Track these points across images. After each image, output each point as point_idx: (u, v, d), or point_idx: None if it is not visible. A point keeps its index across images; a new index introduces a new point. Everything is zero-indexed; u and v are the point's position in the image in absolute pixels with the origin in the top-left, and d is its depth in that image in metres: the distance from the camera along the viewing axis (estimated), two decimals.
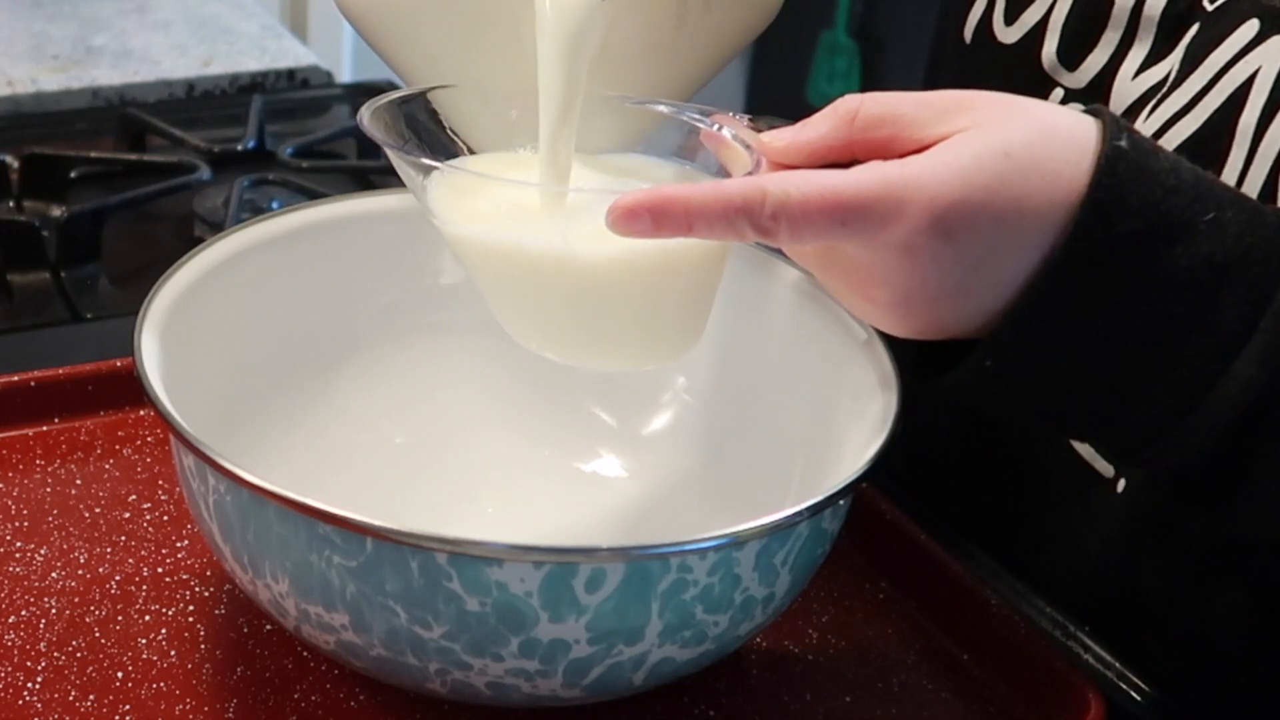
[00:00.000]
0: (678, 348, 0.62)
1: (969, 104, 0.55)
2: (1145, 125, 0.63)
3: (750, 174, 0.57)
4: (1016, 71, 0.70)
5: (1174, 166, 0.54)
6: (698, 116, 0.63)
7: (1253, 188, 0.59)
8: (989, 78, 0.70)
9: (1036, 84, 0.69)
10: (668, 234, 0.54)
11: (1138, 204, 0.53)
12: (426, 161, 0.60)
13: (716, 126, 0.62)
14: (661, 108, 0.65)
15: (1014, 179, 0.53)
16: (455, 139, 0.66)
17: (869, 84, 2.64)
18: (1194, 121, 0.61)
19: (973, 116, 0.54)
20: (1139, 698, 0.66)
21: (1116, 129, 0.54)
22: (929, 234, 0.53)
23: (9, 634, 0.64)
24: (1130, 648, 0.68)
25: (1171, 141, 0.62)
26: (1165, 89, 0.63)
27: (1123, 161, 0.53)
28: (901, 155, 0.54)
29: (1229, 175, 0.60)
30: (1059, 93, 0.68)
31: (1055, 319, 0.54)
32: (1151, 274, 0.53)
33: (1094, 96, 0.67)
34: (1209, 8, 0.62)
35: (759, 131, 0.59)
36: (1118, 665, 0.67)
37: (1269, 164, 0.59)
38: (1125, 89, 0.65)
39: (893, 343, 0.59)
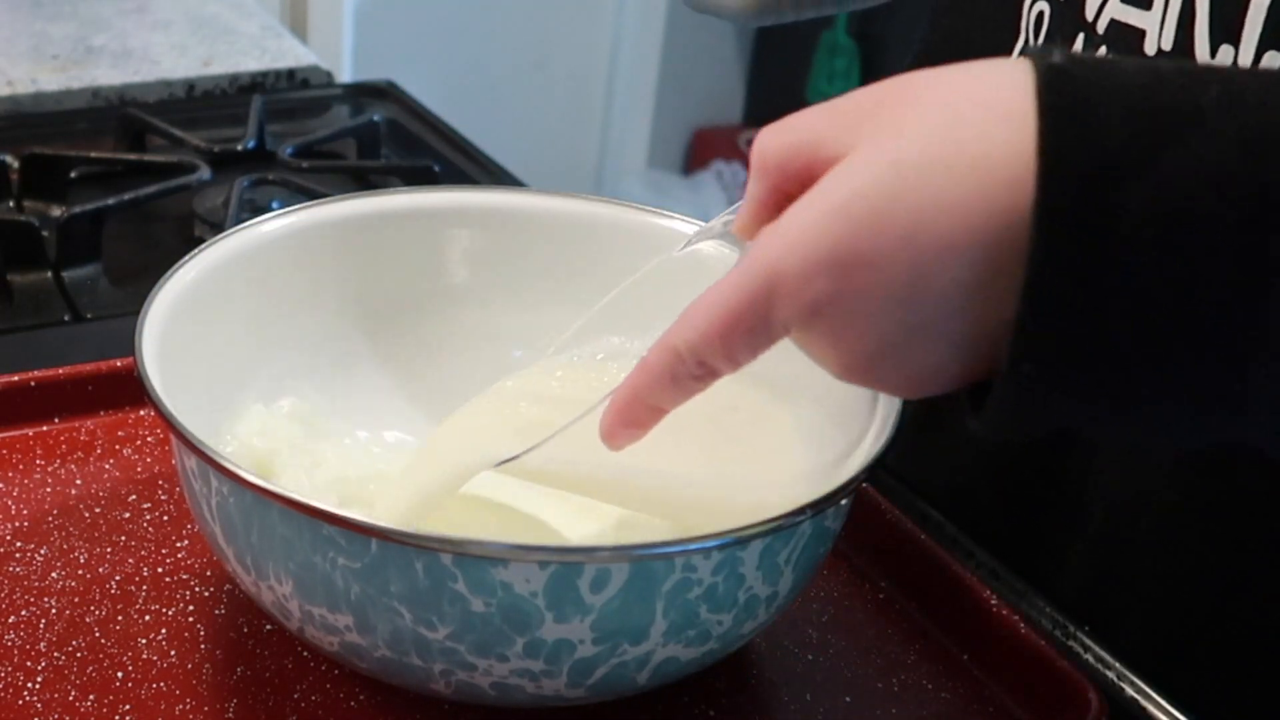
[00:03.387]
0: None
1: (880, 105, 0.48)
2: None
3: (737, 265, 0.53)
4: None
5: (1150, 65, 0.45)
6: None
7: None
8: None
9: None
10: (654, 424, 0.55)
11: (1114, 112, 0.43)
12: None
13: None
14: (717, 222, 0.60)
15: (909, 189, 0.46)
16: None
17: (868, 83, 2.64)
18: None
19: (874, 124, 0.48)
20: (1139, 698, 0.66)
21: (1045, 54, 0.46)
22: (823, 299, 0.47)
23: (9, 634, 0.64)
24: (1130, 648, 0.68)
25: None
26: None
27: (1066, 77, 0.44)
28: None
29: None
30: None
31: (1076, 279, 0.44)
32: (1170, 184, 0.43)
33: None
34: None
35: None
36: (1118, 665, 0.67)
37: None
38: None
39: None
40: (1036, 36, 0.69)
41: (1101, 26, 0.65)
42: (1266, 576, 0.66)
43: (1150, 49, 0.62)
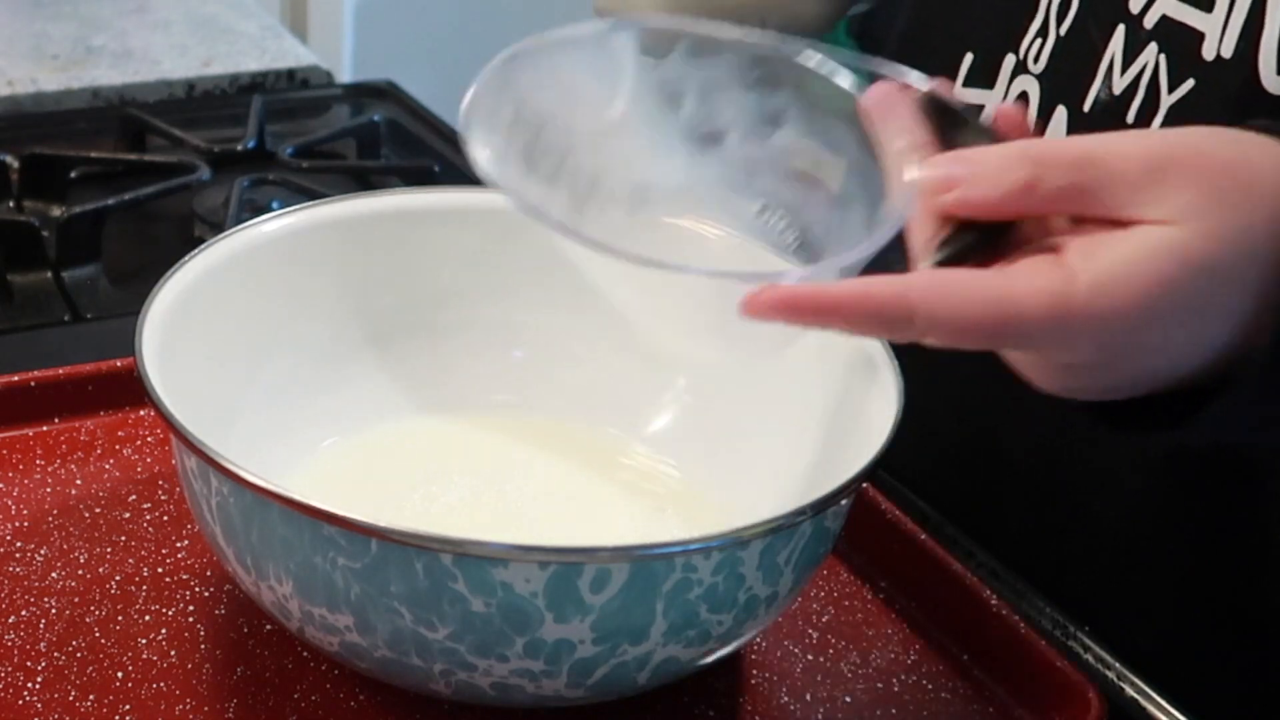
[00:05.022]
0: None
1: (1171, 170, 0.48)
2: None
3: (898, 218, 0.51)
4: None
5: None
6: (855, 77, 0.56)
7: None
8: None
9: None
10: (802, 325, 0.50)
11: None
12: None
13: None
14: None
15: (1197, 289, 0.48)
16: None
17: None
18: None
19: (1174, 201, 0.48)
20: (1139, 698, 0.66)
21: None
22: (1094, 357, 0.49)
23: (9, 634, 0.64)
24: (1130, 648, 0.68)
25: None
26: None
27: None
28: (1092, 220, 0.49)
29: None
30: None
31: None
32: None
33: None
34: None
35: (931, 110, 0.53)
36: (1118, 665, 0.67)
37: None
38: None
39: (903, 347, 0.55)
40: (1060, 20, 0.68)
41: (1149, 22, 0.64)
42: (1264, 576, 0.66)
43: (1209, 54, 0.62)
